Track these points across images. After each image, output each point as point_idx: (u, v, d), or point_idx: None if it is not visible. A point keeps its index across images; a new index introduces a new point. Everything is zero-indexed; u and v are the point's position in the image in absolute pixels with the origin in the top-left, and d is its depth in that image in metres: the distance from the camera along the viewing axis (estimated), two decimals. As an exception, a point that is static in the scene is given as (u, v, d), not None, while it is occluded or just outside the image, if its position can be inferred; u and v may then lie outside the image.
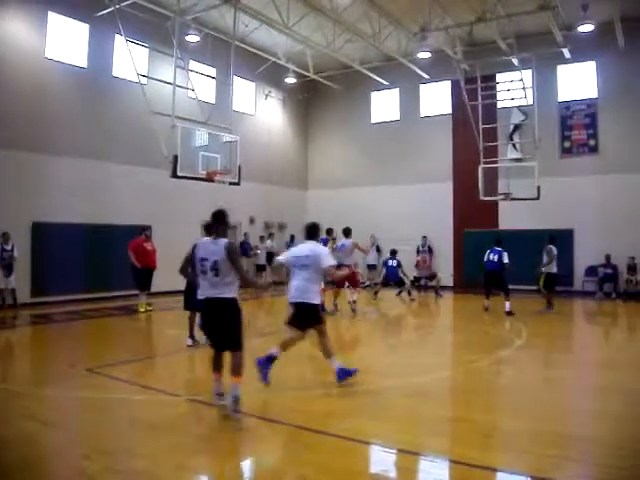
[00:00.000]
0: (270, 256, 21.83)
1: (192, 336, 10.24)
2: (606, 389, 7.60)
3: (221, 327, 6.16)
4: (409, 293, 18.40)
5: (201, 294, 6.20)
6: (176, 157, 13.02)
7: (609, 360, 9.71)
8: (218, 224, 6.18)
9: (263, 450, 5.59)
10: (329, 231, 15.19)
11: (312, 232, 7.72)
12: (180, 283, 9.40)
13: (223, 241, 6.06)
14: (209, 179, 14.23)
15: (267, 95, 24.63)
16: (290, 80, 23.72)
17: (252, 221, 22.71)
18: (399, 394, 7.37)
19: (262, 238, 22.30)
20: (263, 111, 24.54)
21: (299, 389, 7.28)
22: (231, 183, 14.89)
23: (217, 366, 6.38)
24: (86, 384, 7.69)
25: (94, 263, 17.07)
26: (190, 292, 9.22)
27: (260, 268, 21.74)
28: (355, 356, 10.00)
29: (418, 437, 5.83)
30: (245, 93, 23.40)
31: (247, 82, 23.36)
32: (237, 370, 6.15)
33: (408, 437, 5.75)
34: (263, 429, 6.06)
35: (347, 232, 14.96)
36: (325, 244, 12.54)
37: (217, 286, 6.05)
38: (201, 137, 15.34)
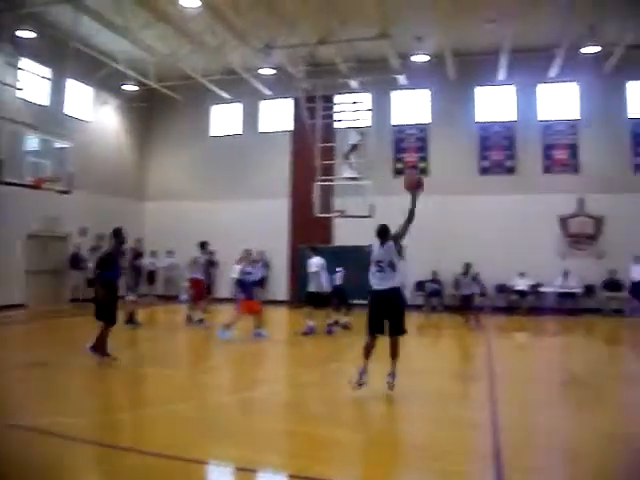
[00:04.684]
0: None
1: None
2: (433, 394, 7.89)
3: (392, 313, 7.75)
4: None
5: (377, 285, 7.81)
6: (1, 161, 12.07)
7: (430, 367, 10.24)
8: (384, 235, 8.08)
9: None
10: (203, 244, 15.59)
11: None
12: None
13: (389, 243, 7.95)
14: (36, 186, 13.33)
15: (105, 102, 23.53)
16: (130, 88, 22.87)
17: (84, 232, 21.46)
18: (230, 409, 7.33)
19: (93, 250, 21.16)
20: (101, 118, 23.37)
21: (125, 409, 6.91)
22: (61, 191, 14.07)
23: (369, 353, 7.77)
24: None
25: None
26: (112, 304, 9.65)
27: (91, 283, 20.55)
28: (183, 373, 9.74)
29: (255, 452, 5.73)
30: (82, 98, 22.17)
31: (85, 87, 22.16)
32: (397, 353, 7.77)
33: (244, 453, 5.65)
34: (94, 455, 5.65)
35: (202, 245, 15.45)
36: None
37: (390, 279, 7.75)
38: (31, 141, 14.41)
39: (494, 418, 6.77)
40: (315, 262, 14.09)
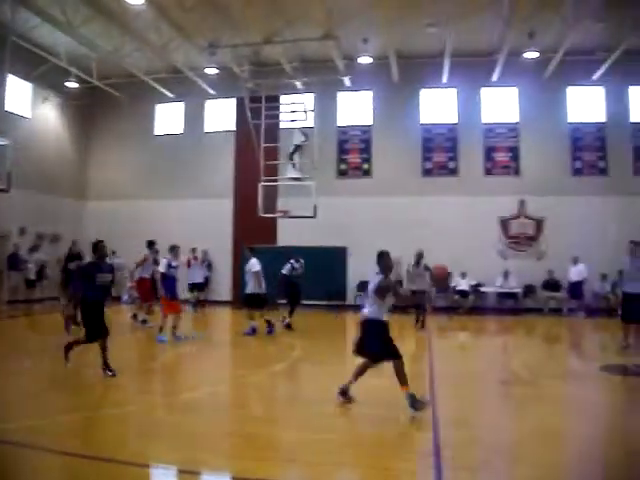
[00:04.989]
0: (42, 270, 20.37)
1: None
2: (376, 394, 7.93)
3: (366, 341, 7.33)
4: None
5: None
6: None
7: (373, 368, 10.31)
8: (378, 263, 7.38)
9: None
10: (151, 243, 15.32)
11: None
12: None
13: (378, 278, 7.30)
14: (-28, 184, 12.97)
15: (46, 98, 22.90)
16: (72, 84, 22.35)
17: (23, 232, 20.91)
18: (173, 411, 7.27)
19: (31, 250, 20.63)
20: (41, 115, 22.76)
21: (66, 412, 6.78)
22: (-1, 190, 13.71)
23: (357, 373, 7.42)
24: None
25: None
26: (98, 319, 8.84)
27: (30, 284, 20.08)
28: (126, 375, 9.58)
29: (199, 454, 5.67)
30: (21, 94, 21.51)
31: (24, 82, 21.51)
32: (399, 379, 7.06)
33: (187, 455, 5.59)
34: (35, 460, 5.42)
35: (150, 244, 15.25)
36: None
37: (366, 308, 7.40)
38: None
39: (436, 417, 6.86)
40: (254, 263, 14.06)
